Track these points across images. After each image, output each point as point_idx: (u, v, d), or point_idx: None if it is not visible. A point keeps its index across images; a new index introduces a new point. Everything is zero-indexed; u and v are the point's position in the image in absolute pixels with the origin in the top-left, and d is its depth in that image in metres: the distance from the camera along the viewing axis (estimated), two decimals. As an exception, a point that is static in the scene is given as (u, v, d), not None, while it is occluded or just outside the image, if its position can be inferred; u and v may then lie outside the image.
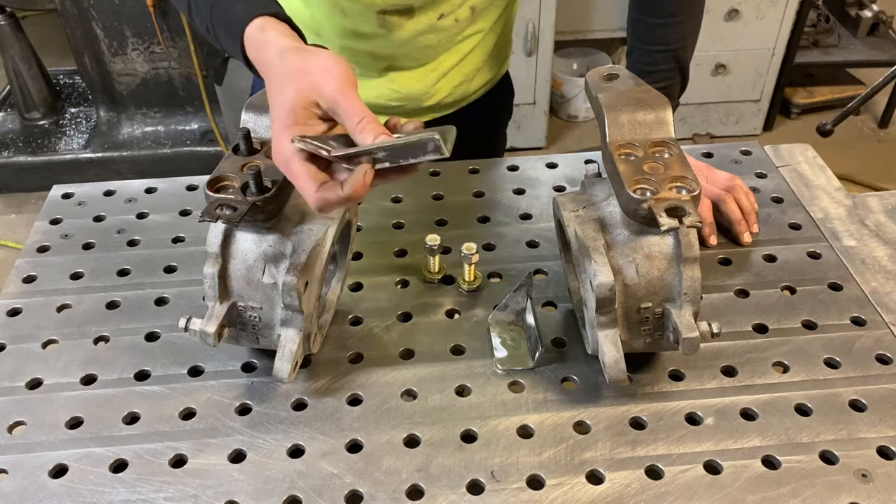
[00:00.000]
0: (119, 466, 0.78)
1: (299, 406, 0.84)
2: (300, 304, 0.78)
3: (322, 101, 0.69)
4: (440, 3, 1.04)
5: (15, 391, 0.86)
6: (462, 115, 1.22)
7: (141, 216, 1.11)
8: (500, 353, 0.89)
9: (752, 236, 1.04)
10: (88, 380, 0.87)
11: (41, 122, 2.91)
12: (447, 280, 0.99)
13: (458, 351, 0.90)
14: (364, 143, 0.67)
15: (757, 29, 2.86)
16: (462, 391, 0.85)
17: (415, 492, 0.75)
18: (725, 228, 1.05)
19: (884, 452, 0.78)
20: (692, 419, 0.82)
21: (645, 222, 0.77)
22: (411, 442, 0.80)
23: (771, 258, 1.02)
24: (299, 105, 0.68)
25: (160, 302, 0.97)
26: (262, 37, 0.76)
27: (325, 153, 0.67)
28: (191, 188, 1.16)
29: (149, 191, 1.16)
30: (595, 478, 0.76)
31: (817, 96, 3.23)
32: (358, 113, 0.68)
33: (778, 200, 1.11)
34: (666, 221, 0.71)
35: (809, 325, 0.92)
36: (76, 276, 1.01)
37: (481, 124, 1.29)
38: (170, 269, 1.02)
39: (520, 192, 1.14)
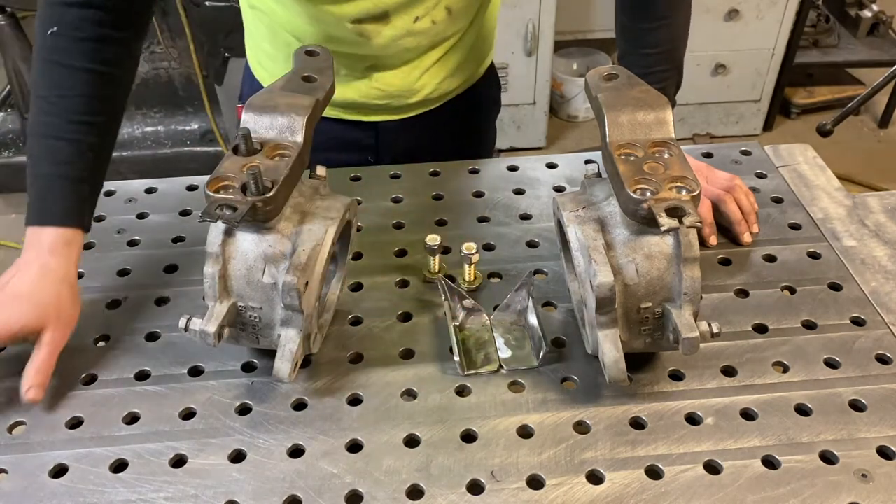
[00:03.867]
0: (119, 466, 0.78)
1: (299, 406, 0.84)
2: (300, 304, 0.78)
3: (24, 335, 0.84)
4: (414, 6, 1.02)
5: (15, 391, 0.85)
6: (448, 109, 1.21)
7: (141, 216, 1.11)
8: (504, 353, 0.89)
9: (752, 236, 1.04)
10: (88, 380, 0.87)
11: (41, 122, 2.91)
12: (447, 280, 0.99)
13: (458, 351, 0.90)
14: None
15: (757, 29, 2.86)
16: (462, 391, 0.85)
17: (415, 492, 0.75)
18: (725, 228, 1.05)
19: (884, 452, 0.78)
20: (692, 419, 0.82)
21: (645, 222, 0.77)
22: (411, 442, 0.80)
23: (771, 258, 1.02)
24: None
25: (160, 302, 0.97)
26: (66, 249, 0.88)
27: None
28: (191, 188, 1.16)
29: (149, 191, 1.16)
30: (595, 478, 0.76)
31: (817, 96, 3.23)
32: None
33: (778, 200, 1.11)
34: (666, 221, 0.71)
35: (809, 325, 0.92)
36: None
37: (468, 118, 1.29)
38: (170, 269, 1.02)
39: (520, 192, 1.14)
